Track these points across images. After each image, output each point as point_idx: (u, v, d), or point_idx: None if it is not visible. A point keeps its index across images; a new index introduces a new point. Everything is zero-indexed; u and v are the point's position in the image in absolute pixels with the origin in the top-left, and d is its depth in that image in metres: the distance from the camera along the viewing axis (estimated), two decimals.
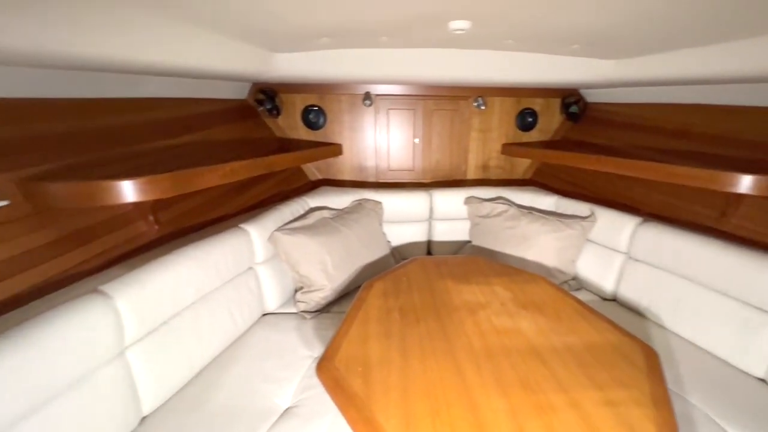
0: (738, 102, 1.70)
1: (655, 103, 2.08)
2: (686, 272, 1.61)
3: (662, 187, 1.96)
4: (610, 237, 1.95)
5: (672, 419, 0.89)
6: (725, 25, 1.17)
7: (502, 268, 1.73)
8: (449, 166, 2.68)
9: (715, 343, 1.49)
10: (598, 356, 1.12)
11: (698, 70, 1.51)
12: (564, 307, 1.39)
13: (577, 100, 2.51)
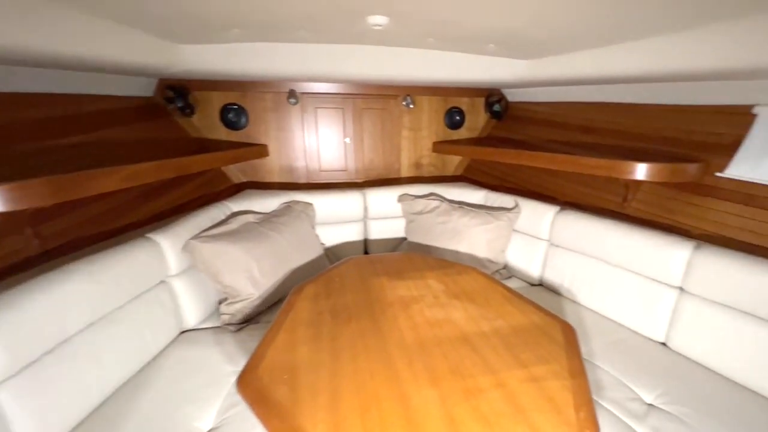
0: (631, 100, 1.93)
1: (565, 102, 2.29)
2: (597, 253, 1.78)
3: (575, 178, 2.15)
4: (533, 226, 2.09)
5: (585, 386, 0.97)
6: (619, 28, 1.31)
7: (435, 262, 1.77)
8: (383, 165, 2.70)
9: (623, 314, 1.66)
10: (524, 337, 1.19)
11: (598, 70, 1.68)
12: (493, 295, 1.45)
13: (499, 99, 2.68)
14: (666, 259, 1.52)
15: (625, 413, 1.22)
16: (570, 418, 0.88)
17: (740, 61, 1.23)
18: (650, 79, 1.63)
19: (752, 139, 1.50)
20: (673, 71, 1.45)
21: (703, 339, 1.41)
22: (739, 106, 1.53)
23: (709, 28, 1.20)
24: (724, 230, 1.53)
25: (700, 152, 1.64)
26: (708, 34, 1.22)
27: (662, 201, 1.75)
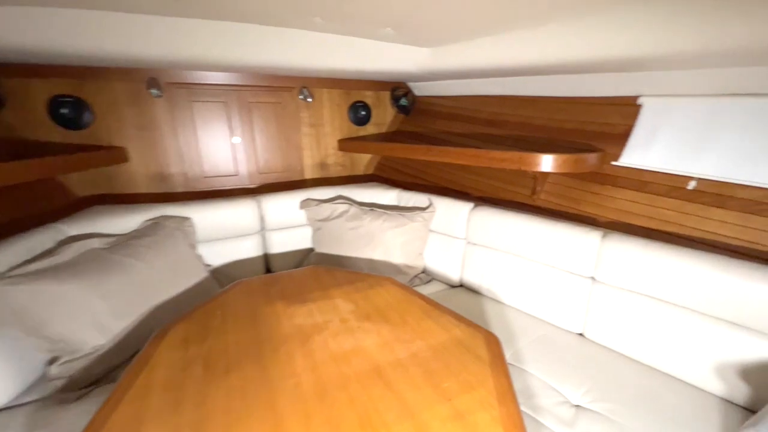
0: (533, 93, 1.94)
1: (471, 95, 2.25)
2: (512, 249, 1.72)
3: (487, 172, 2.11)
4: (449, 225, 1.99)
5: (515, 411, 0.85)
6: (516, 13, 1.23)
7: (345, 275, 1.53)
8: (282, 167, 2.38)
9: (542, 309, 1.62)
10: (445, 359, 1.02)
11: (498, 59, 1.62)
12: (410, 309, 1.27)
13: (405, 92, 2.56)
14: (577, 250, 1.50)
15: (556, 422, 1.13)
16: None
17: (623, 51, 1.23)
18: (547, 69, 1.61)
19: (639, 128, 1.56)
20: (567, 60, 1.43)
21: (616, 327, 1.41)
22: (627, 98, 1.59)
23: (599, 17, 1.17)
24: (624, 217, 1.57)
25: (597, 142, 1.67)
26: (597, 23, 1.20)
27: (568, 191, 1.77)
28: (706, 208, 1.35)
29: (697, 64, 1.27)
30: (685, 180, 1.41)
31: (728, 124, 1.31)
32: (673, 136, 1.45)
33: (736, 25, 0.95)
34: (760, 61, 1.13)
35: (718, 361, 1.18)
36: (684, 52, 1.15)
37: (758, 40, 0.97)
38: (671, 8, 1.03)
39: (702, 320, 1.22)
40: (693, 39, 1.07)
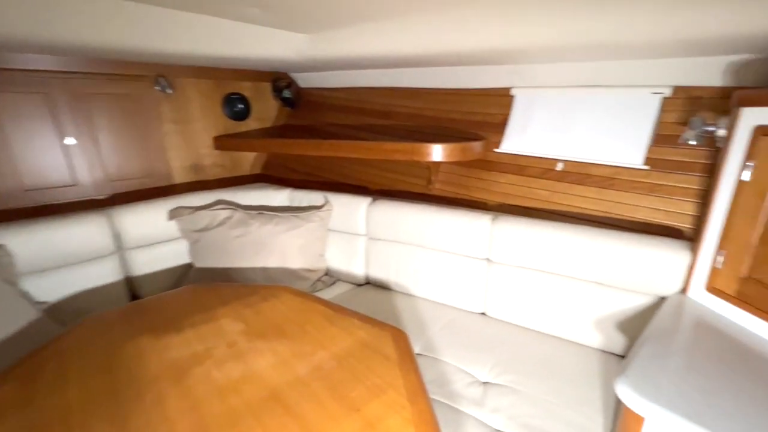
0: (420, 85, 1.95)
1: (360, 87, 2.17)
2: (413, 239, 1.70)
3: (383, 164, 2.06)
4: (348, 222, 1.87)
5: (426, 408, 0.79)
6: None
7: (232, 291, 1.29)
8: (142, 172, 1.94)
9: (448, 295, 1.64)
10: (352, 366, 0.91)
11: (380, 47, 1.56)
12: (311, 318, 1.12)
13: (288, 84, 2.35)
14: (472, 234, 1.54)
15: (467, 403, 1.13)
16: None
17: (497, 43, 1.28)
18: (429, 60, 1.62)
19: (514, 117, 1.68)
20: (444, 51, 1.44)
21: (512, 302, 1.49)
22: (502, 89, 1.70)
23: (475, 10, 1.19)
24: (509, 199, 1.68)
25: (481, 131, 1.76)
26: (474, 15, 1.21)
27: (460, 179, 1.82)
28: (571, 186, 1.51)
29: (559, 59, 1.41)
30: (553, 162, 1.56)
31: (584, 112, 1.49)
32: (542, 124, 1.59)
33: (592, 22, 1.05)
34: (608, 56, 1.30)
35: (595, 319, 1.32)
36: (547, 47, 1.25)
37: (608, 38, 1.09)
38: (538, 6, 1.09)
39: (577, 284, 1.35)
40: (555, 34, 1.15)
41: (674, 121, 1.30)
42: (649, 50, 1.18)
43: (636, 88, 1.37)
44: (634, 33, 1.04)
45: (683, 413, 0.70)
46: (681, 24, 0.96)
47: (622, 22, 1.02)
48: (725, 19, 0.90)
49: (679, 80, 1.27)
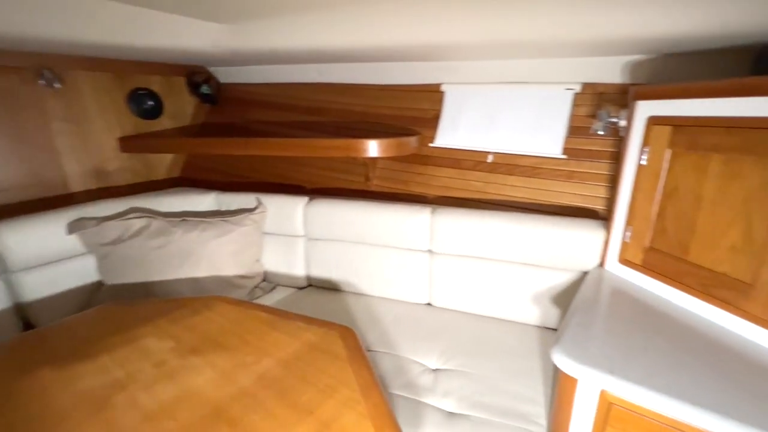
0: (351, 81, 1.92)
1: (288, 83, 2.07)
2: (355, 237, 1.67)
3: (319, 162, 1.99)
4: (285, 224, 1.78)
5: (381, 401, 0.78)
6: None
7: (154, 307, 1.14)
8: (28, 180, 1.63)
9: (392, 289, 1.65)
10: (300, 370, 0.87)
11: (308, 41, 1.50)
12: (250, 326, 1.04)
13: (206, 78, 2.16)
14: (412, 228, 1.56)
15: (420, 392, 1.14)
16: None
17: (426, 39, 1.31)
18: (358, 55, 1.59)
19: (446, 112, 1.74)
20: (370, 46, 1.43)
21: (455, 289, 1.54)
22: (433, 85, 1.75)
23: (395, 6, 1.20)
24: (446, 192, 1.73)
25: (415, 126, 1.79)
26: (402, 7, 1.22)
27: (397, 174, 1.83)
28: (502, 177, 1.61)
29: (485, 56, 1.48)
30: (484, 155, 1.65)
31: (509, 107, 1.59)
32: (472, 118, 1.67)
33: (515, 19, 1.12)
34: (527, 55, 1.40)
35: (530, 298, 1.42)
36: (470, 45, 1.30)
37: (522, 37, 1.17)
38: (464, 4, 1.14)
39: (513, 267, 1.44)
40: (475, 33, 1.21)
41: (585, 114, 1.45)
42: (561, 50, 1.30)
43: (552, 84, 1.50)
44: (541, 33, 1.13)
45: (607, 370, 0.78)
46: (584, 26, 1.06)
47: (531, 23, 1.09)
48: (621, 22, 1.02)
49: (586, 77, 1.42)
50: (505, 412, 1.02)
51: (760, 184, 0.83)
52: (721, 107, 0.90)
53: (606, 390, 0.79)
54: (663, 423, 0.73)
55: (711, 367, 0.79)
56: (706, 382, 0.75)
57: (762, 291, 0.84)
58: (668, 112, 1.02)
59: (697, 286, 0.98)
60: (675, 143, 1.00)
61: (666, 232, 1.06)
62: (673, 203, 1.03)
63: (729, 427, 0.66)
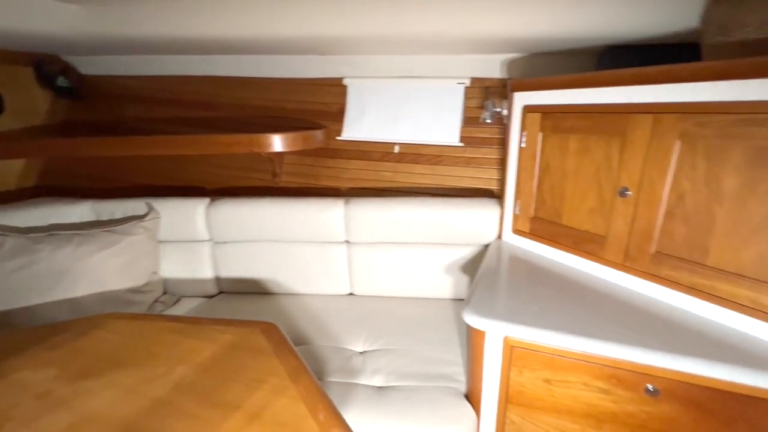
0: (248, 74, 1.85)
1: (173, 75, 1.90)
2: (266, 236, 1.63)
3: (219, 161, 1.88)
4: (186, 228, 1.65)
5: (312, 383, 0.80)
6: None
7: (25, 336, 0.97)
8: None
9: (312, 284, 1.66)
10: (222, 370, 0.84)
11: (186, 28, 1.41)
12: (157, 338, 0.96)
13: (63, 69, 1.86)
14: (327, 221, 1.59)
15: (351, 375, 1.19)
16: (313, 429, 0.68)
17: (323, 31, 1.35)
18: (248, 46, 1.55)
19: (350, 106, 1.80)
20: (260, 37, 1.43)
21: (374, 276, 1.62)
22: (335, 79, 1.79)
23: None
24: (358, 183, 1.79)
25: (320, 120, 1.81)
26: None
27: (307, 169, 1.83)
28: (410, 166, 1.74)
29: (385, 51, 1.58)
30: (391, 146, 1.76)
31: (410, 100, 1.72)
32: (377, 111, 1.76)
33: (410, 15, 1.23)
34: (423, 51, 1.53)
35: (442, 274, 1.57)
36: (372, 38, 1.39)
37: (427, 33, 1.30)
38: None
39: (425, 248, 1.58)
40: (377, 27, 1.30)
41: (475, 105, 1.65)
42: (452, 47, 1.46)
43: (446, 79, 1.67)
44: (432, 30, 1.26)
45: (507, 319, 0.93)
46: (467, 25, 1.22)
47: (423, 21, 1.22)
48: (496, 23, 1.20)
49: (475, 72, 1.62)
50: (430, 377, 1.12)
51: (604, 157, 1.07)
52: (574, 97, 1.12)
53: (508, 336, 0.93)
54: (553, 353, 0.90)
55: (583, 305, 0.99)
56: (580, 316, 0.94)
57: (613, 241, 1.08)
58: (537, 102, 1.23)
59: (570, 243, 1.21)
60: (544, 127, 1.22)
61: (545, 203, 1.28)
62: (548, 178, 1.25)
63: (595, 344, 0.85)
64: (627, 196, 1.02)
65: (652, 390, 0.84)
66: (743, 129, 0.78)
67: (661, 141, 0.92)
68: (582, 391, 0.92)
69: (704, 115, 0.83)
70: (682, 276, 0.94)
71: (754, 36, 0.81)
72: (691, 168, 0.88)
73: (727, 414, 0.80)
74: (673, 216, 0.94)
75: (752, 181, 0.79)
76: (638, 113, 0.96)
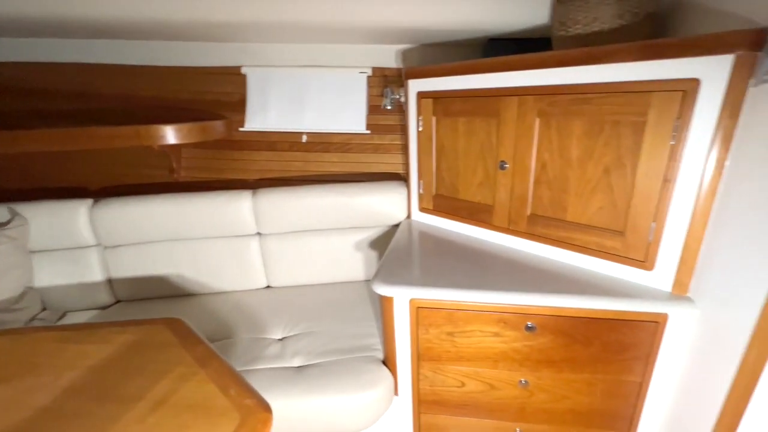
0: (135, 62, 1.71)
1: (40, 62, 1.68)
2: (168, 235, 1.56)
3: (104, 157, 1.72)
4: (64, 235, 1.49)
5: (221, 364, 0.83)
6: None
7: None
8: None
9: (225, 280, 1.63)
10: (121, 367, 0.83)
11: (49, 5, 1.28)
12: (37, 348, 0.90)
13: None
14: (235, 213, 1.57)
15: (270, 360, 1.22)
16: (225, 405, 0.71)
17: (214, 16, 1.34)
18: (135, 30, 1.46)
19: (251, 95, 1.78)
20: (156, 20, 1.36)
21: (291, 267, 1.64)
22: (232, 67, 1.75)
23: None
24: (267, 174, 1.79)
25: (220, 110, 1.76)
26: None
27: (210, 162, 1.77)
28: (320, 155, 1.78)
29: (285, 40, 1.60)
30: (299, 135, 1.78)
31: (315, 89, 1.76)
32: (281, 101, 1.77)
33: (305, 2, 1.27)
34: (326, 39, 1.58)
35: (356, 257, 1.66)
36: (273, 24, 1.40)
37: (321, 22, 1.35)
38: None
39: (338, 233, 1.65)
40: (278, 12, 1.32)
41: (377, 94, 1.76)
42: (351, 37, 1.54)
43: (349, 68, 1.74)
44: (327, 18, 1.33)
45: (411, 284, 1.05)
46: (361, 14, 1.31)
47: (317, 7, 1.28)
48: (389, 13, 1.31)
49: (375, 62, 1.72)
50: (349, 351, 1.20)
51: (486, 135, 1.24)
52: (459, 83, 1.28)
53: (413, 298, 1.05)
54: (452, 308, 1.05)
55: (476, 265, 1.15)
56: (473, 274, 1.09)
57: (499, 209, 1.27)
58: (429, 88, 1.38)
59: (466, 215, 1.38)
60: (436, 111, 1.37)
61: (444, 181, 1.44)
62: (444, 158, 1.41)
63: (485, 295, 1.00)
64: (506, 169, 1.21)
65: (531, 326, 1.02)
66: (579, 106, 0.99)
67: (525, 119, 1.11)
68: (479, 337, 1.07)
69: (553, 96, 1.04)
70: (551, 232, 1.15)
71: (584, 31, 1.03)
72: (548, 141, 1.09)
73: (585, 336, 1.01)
74: (540, 183, 1.14)
75: (588, 149, 1.01)
76: (507, 96, 1.14)
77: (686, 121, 0.84)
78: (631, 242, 0.99)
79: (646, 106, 0.88)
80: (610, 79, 0.93)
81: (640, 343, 0.99)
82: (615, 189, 0.99)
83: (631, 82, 0.89)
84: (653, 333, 0.97)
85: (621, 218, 1.00)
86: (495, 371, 1.11)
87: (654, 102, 0.87)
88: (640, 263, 0.99)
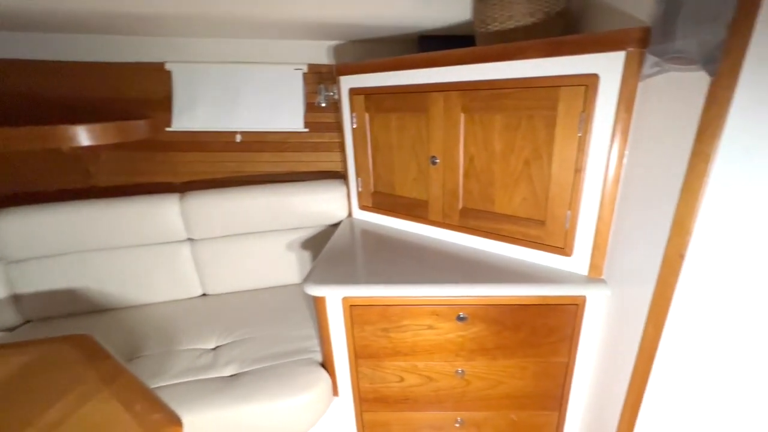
0: (42, 57, 1.56)
1: None
2: (85, 245, 1.45)
3: (3, 164, 1.55)
4: None
5: (129, 378, 0.80)
6: None
7: None
8: None
9: (156, 291, 1.54)
10: (13, 390, 0.77)
11: None
12: None
13: None
14: (162, 219, 1.49)
15: (200, 372, 1.17)
16: (128, 422, 0.68)
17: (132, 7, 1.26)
18: (35, 20, 1.34)
19: (177, 93, 1.69)
20: (62, 10, 1.26)
21: (226, 272, 1.59)
22: (155, 63, 1.65)
23: None
24: (198, 176, 1.71)
25: (142, 109, 1.65)
26: None
27: (133, 165, 1.66)
28: (256, 154, 1.73)
29: (213, 34, 1.54)
30: (232, 135, 1.72)
31: (248, 86, 1.70)
32: (210, 99, 1.69)
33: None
34: (256, 33, 1.53)
35: (294, 260, 1.64)
36: (198, 16, 1.34)
37: (244, 13, 1.31)
38: None
39: (275, 236, 1.62)
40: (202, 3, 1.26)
41: (313, 91, 1.74)
42: (280, 31, 1.51)
43: (283, 65, 1.70)
44: (245, 10, 1.29)
45: (343, 282, 1.05)
46: (286, 6, 1.28)
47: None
48: (317, 6, 1.30)
49: (310, 59, 1.69)
50: (286, 355, 1.18)
51: (416, 131, 1.27)
52: (389, 79, 1.30)
53: (346, 296, 1.05)
54: (385, 305, 1.06)
55: (411, 261, 1.17)
56: (407, 270, 1.11)
57: (433, 204, 1.30)
58: (360, 84, 1.38)
59: (404, 211, 1.40)
60: (369, 108, 1.38)
61: (381, 177, 1.45)
62: (379, 154, 1.42)
63: (417, 289, 1.02)
64: (437, 164, 1.24)
65: (463, 317, 1.06)
66: (499, 101, 1.04)
67: (451, 114, 1.15)
68: (413, 331, 1.09)
69: (475, 92, 1.08)
70: (481, 224, 1.20)
71: (501, 28, 1.08)
72: (473, 135, 1.13)
73: (514, 322, 1.07)
74: (469, 176, 1.18)
75: (509, 142, 1.06)
76: (434, 92, 1.17)
77: (590, 114, 0.90)
78: (551, 230, 1.05)
79: (556, 100, 0.94)
80: (523, 75, 0.98)
81: (564, 325, 1.06)
82: (535, 180, 1.05)
83: (542, 77, 0.95)
84: (574, 315, 1.04)
85: (541, 208, 1.06)
86: (432, 363, 1.14)
87: (562, 96, 0.93)
88: (559, 250, 1.06)
